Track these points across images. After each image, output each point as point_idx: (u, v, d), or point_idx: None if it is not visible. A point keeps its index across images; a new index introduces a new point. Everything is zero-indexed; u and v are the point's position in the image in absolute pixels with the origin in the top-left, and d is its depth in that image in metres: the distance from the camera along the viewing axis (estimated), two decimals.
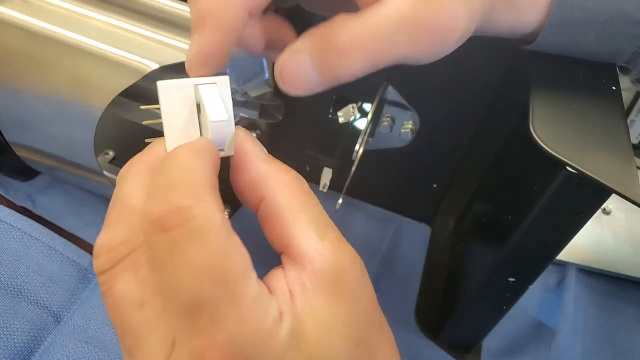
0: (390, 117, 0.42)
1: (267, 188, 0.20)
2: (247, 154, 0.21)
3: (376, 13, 0.21)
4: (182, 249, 0.17)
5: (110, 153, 0.49)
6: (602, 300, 0.50)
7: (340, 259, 0.19)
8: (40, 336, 0.40)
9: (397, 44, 0.22)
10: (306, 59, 0.22)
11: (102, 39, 0.35)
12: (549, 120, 0.27)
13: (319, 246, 0.19)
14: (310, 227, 0.19)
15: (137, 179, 0.21)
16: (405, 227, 0.52)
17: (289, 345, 0.17)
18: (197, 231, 0.17)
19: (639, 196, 0.25)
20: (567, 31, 0.29)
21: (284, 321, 0.18)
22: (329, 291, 0.19)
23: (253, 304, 0.17)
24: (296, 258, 0.19)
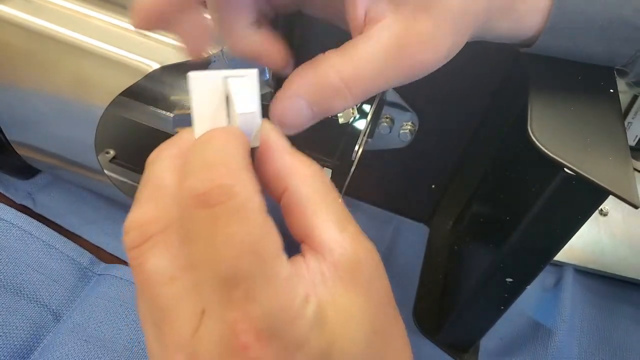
0: (390, 118, 0.43)
1: (290, 179, 0.21)
2: (273, 146, 0.21)
3: (363, 50, 0.22)
4: (224, 225, 0.17)
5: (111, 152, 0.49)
6: (599, 301, 0.50)
7: (359, 251, 0.20)
8: (40, 334, 0.40)
9: (384, 78, 0.23)
10: (303, 102, 0.23)
11: (103, 38, 0.35)
12: (547, 122, 0.28)
13: (339, 238, 0.20)
14: (331, 219, 0.20)
15: (168, 162, 0.21)
16: (404, 227, 0.53)
17: (314, 325, 0.18)
18: (239, 209, 0.17)
19: (636, 198, 0.25)
20: (566, 35, 0.29)
21: (310, 302, 0.18)
22: (347, 281, 0.19)
23: (285, 283, 0.18)
24: (317, 248, 0.20)
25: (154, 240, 0.19)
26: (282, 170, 0.21)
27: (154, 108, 0.37)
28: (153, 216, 0.20)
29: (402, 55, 0.23)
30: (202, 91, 0.21)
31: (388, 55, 0.23)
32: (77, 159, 0.41)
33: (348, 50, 0.23)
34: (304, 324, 0.18)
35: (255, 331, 0.17)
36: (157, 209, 0.20)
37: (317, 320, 0.18)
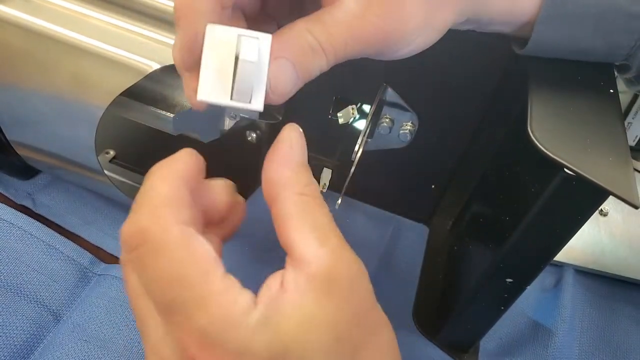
0: (390, 118, 0.43)
1: (281, 192, 0.22)
2: (278, 155, 0.23)
3: (331, 15, 0.24)
4: (146, 263, 0.20)
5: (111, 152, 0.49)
6: (599, 301, 0.50)
7: (337, 264, 0.21)
8: (40, 334, 0.40)
9: (354, 42, 0.24)
10: (288, 63, 0.23)
11: (103, 38, 0.35)
12: (547, 122, 0.28)
13: (318, 252, 0.21)
14: (313, 234, 0.21)
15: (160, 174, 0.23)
16: (404, 228, 0.53)
17: (258, 330, 0.19)
18: (156, 247, 0.20)
19: (636, 198, 0.25)
20: (561, 25, 0.29)
21: (257, 309, 0.20)
22: (321, 292, 0.20)
23: (218, 298, 0.19)
24: (296, 260, 0.21)
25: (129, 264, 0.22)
26: (276, 182, 0.23)
27: (154, 108, 0.37)
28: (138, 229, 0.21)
29: (365, 21, 0.24)
30: (214, 43, 0.22)
31: (354, 21, 0.24)
32: (77, 159, 0.41)
33: (318, 15, 0.24)
34: (243, 331, 0.19)
35: (197, 344, 0.19)
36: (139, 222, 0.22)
37: (264, 325, 0.19)
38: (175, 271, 0.20)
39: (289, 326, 0.20)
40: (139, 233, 0.20)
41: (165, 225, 0.20)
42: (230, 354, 0.19)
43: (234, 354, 0.19)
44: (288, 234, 0.22)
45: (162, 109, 0.37)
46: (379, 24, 0.24)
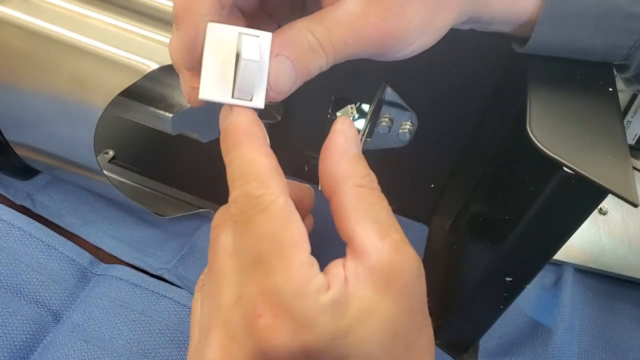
0: (389, 117, 0.43)
1: (341, 185, 0.23)
2: (335, 148, 0.24)
3: (331, 15, 0.24)
4: (252, 222, 0.22)
5: (110, 152, 0.49)
6: (598, 300, 0.50)
7: (397, 258, 0.22)
8: (40, 335, 0.40)
9: (353, 41, 0.24)
10: (288, 60, 0.24)
11: (102, 38, 0.35)
12: (546, 121, 0.28)
13: (378, 244, 0.22)
14: (373, 226, 0.22)
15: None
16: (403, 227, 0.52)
17: (325, 311, 0.20)
18: (263, 210, 0.21)
19: (635, 196, 0.25)
20: (561, 25, 0.29)
21: (328, 293, 0.21)
22: (380, 285, 0.21)
23: (300, 267, 0.21)
24: (356, 252, 0.22)
25: (226, 225, 0.25)
26: (335, 175, 0.23)
27: (153, 108, 0.37)
28: (252, 195, 0.22)
29: (366, 21, 0.24)
30: (215, 41, 0.22)
31: (355, 20, 0.24)
32: (77, 159, 0.41)
33: (319, 15, 0.24)
34: (313, 307, 0.20)
35: (268, 304, 0.20)
36: None
37: (331, 308, 0.20)
38: (272, 230, 0.21)
39: (350, 315, 0.21)
40: (251, 200, 0.22)
41: (275, 193, 0.22)
42: (294, 321, 0.20)
43: (297, 323, 0.20)
44: (349, 225, 0.22)
45: (161, 109, 0.37)
46: (379, 24, 0.24)
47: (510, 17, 0.29)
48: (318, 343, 0.20)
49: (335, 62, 0.25)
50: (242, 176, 0.22)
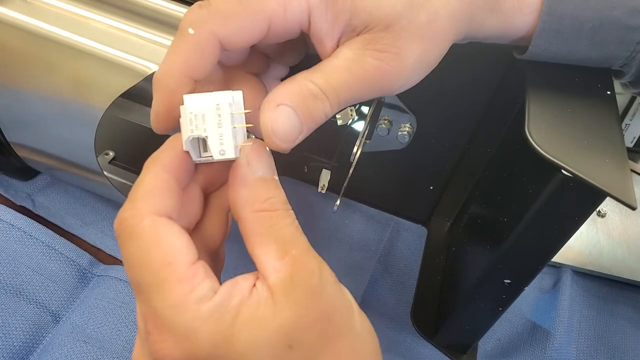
0: (388, 119, 0.43)
1: (241, 211, 0.24)
2: (234, 176, 0.24)
3: (330, 65, 0.25)
4: (123, 249, 0.23)
5: (110, 153, 0.49)
6: (597, 302, 0.50)
7: (295, 275, 0.22)
8: (39, 335, 0.40)
9: (354, 88, 0.25)
10: (289, 109, 0.24)
11: (103, 40, 0.35)
12: (544, 124, 0.28)
13: (277, 264, 0.23)
14: (271, 247, 0.23)
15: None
16: (402, 229, 0.53)
17: (208, 319, 0.21)
18: (129, 235, 0.22)
19: (633, 199, 0.25)
20: (558, 39, 0.29)
21: (212, 300, 0.22)
22: (277, 299, 0.22)
23: (175, 285, 0.22)
24: (260, 273, 0.23)
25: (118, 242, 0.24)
26: (236, 202, 0.24)
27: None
28: (120, 219, 0.23)
29: (364, 64, 0.25)
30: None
31: (352, 64, 0.25)
32: (77, 160, 0.41)
33: (318, 66, 0.25)
34: (194, 317, 0.21)
35: (153, 322, 0.22)
36: None
37: (214, 315, 0.21)
38: (142, 257, 0.22)
39: (237, 323, 0.21)
40: (120, 222, 0.23)
41: (139, 215, 0.22)
42: (176, 336, 0.21)
43: (179, 337, 0.21)
44: (250, 248, 0.24)
45: None
46: (378, 65, 0.25)
47: (506, 35, 0.30)
48: (200, 351, 0.21)
49: (340, 107, 0.25)
50: (128, 197, 0.24)
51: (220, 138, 0.24)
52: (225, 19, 0.24)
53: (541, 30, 0.29)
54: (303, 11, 0.24)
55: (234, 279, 0.23)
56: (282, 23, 0.24)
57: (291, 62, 0.30)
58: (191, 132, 0.24)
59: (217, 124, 0.24)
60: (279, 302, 0.22)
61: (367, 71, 0.25)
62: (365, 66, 0.25)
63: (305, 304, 0.22)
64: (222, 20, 0.24)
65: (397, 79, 0.26)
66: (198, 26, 0.24)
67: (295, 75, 0.25)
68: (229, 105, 0.24)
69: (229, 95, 0.24)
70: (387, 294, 0.48)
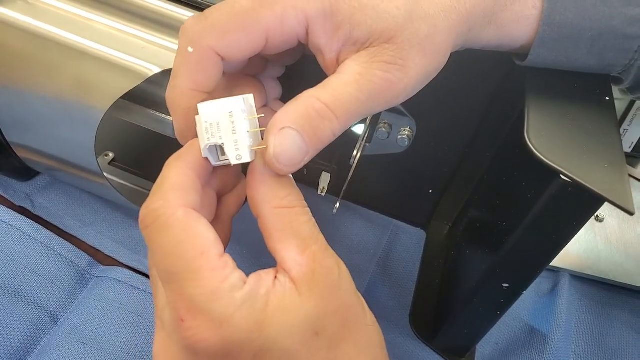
0: (388, 123, 0.43)
1: (262, 209, 0.25)
2: (253, 174, 0.25)
3: (336, 82, 0.25)
4: (154, 239, 0.23)
5: (110, 154, 0.50)
6: (594, 307, 0.50)
7: (316, 268, 0.24)
8: (37, 336, 0.40)
9: (361, 103, 0.25)
10: (294, 132, 0.24)
11: (104, 42, 0.35)
12: (543, 129, 0.28)
13: (298, 259, 0.24)
14: (293, 242, 0.24)
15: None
16: (401, 232, 0.53)
17: (241, 306, 0.22)
18: (162, 226, 0.23)
19: (631, 205, 0.25)
20: (557, 48, 0.29)
21: (244, 288, 0.23)
22: (302, 291, 0.23)
23: (210, 274, 0.23)
24: (280, 266, 0.24)
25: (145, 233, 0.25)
26: (255, 199, 0.25)
27: (154, 111, 0.38)
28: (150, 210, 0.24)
29: (372, 76, 0.25)
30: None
31: (360, 78, 0.25)
32: (77, 161, 0.41)
33: (324, 84, 0.25)
34: (229, 304, 0.22)
35: (187, 309, 0.23)
36: None
37: (247, 303, 0.23)
38: (176, 247, 0.23)
39: (268, 311, 0.23)
40: (151, 213, 0.24)
41: (172, 207, 0.23)
42: (212, 321, 0.22)
43: (215, 322, 0.22)
44: (272, 244, 0.25)
45: (162, 112, 0.38)
46: (385, 76, 0.25)
47: (504, 45, 0.30)
48: (236, 336, 0.22)
49: (347, 123, 0.25)
50: (153, 190, 0.25)
51: (236, 144, 0.25)
52: (222, 34, 0.24)
53: (540, 40, 0.29)
54: (300, 24, 0.24)
55: (257, 273, 0.24)
56: (280, 36, 0.25)
57: (288, 62, 0.31)
58: (208, 140, 0.25)
59: (231, 131, 0.25)
60: (303, 293, 0.23)
61: (375, 84, 0.25)
62: (373, 79, 0.25)
63: (327, 296, 0.24)
64: (219, 35, 0.24)
65: (403, 90, 0.26)
66: (197, 43, 0.24)
67: (301, 95, 0.25)
68: (242, 111, 0.25)
69: (241, 101, 0.25)
70: (385, 297, 0.48)
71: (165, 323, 0.25)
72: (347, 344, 0.24)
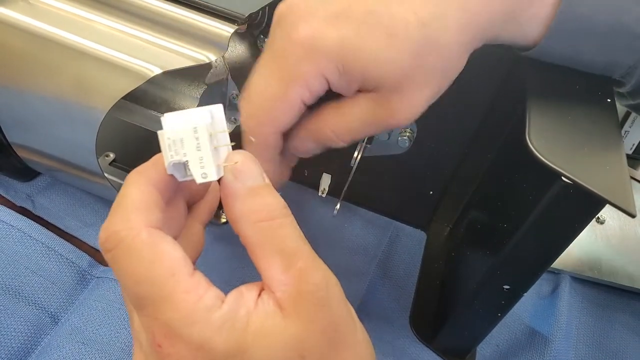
0: None
1: (240, 226, 0.24)
2: (225, 193, 0.24)
3: (350, 111, 0.30)
4: (120, 264, 0.22)
5: (111, 155, 0.50)
6: (595, 309, 0.50)
7: (302, 287, 0.22)
8: (38, 337, 0.40)
9: (368, 129, 0.30)
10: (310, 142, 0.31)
11: (105, 42, 0.35)
12: (544, 131, 0.28)
13: (282, 278, 0.23)
14: (276, 260, 0.23)
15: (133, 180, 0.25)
16: (402, 234, 0.53)
17: (220, 328, 0.21)
18: (127, 249, 0.22)
19: (633, 207, 0.25)
20: (568, 40, 0.29)
21: (221, 308, 0.22)
22: (286, 313, 0.22)
23: (183, 295, 0.21)
24: (265, 285, 0.23)
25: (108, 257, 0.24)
26: (232, 216, 0.24)
27: (155, 112, 0.38)
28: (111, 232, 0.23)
29: (377, 117, 0.29)
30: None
31: (366, 118, 0.29)
32: (78, 161, 0.41)
33: (341, 110, 0.30)
34: (205, 327, 0.21)
35: (163, 334, 0.22)
36: None
37: (226, 324, 0.21)
38: (143, 271, 0.22)
39: (249, 333, 0.22)
40: (113, 235, 0.22)
41: (135, 228, 0.22)
42: (190, 345, 0.21)
43: (193, 346, 0.21)
44: (255, 261, 0.23)
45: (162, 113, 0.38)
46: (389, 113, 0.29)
47: (517, 41, 0.31)
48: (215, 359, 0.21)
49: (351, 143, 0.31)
50: (113, 209, 0.23)
51: (201, 161, 0.23)
52: (275, 120, 0.29)
53: (553, 30, 0.29)
54: (323, 84, 0.28)
55: (238, 289, 0.23)
56: (310, 98, 0.29)
57: None
58: (171, 158, 0.23)
59: (195, 147, 0.23)
60: (288, 315, 0.22)
61: (380, 120, 0.29)
62: (378, 116, 0.29)
63: (314, 316, 0.22)
64: (274, 121, 0.29)
65: (409, 119, 0.30)
66: (256, 132, 0.29)
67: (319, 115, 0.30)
68: (207, 125, 0.23)
69: (207, 114, 0.23)
70: (386, 299, 0.48)
71: (143, 345, 0.24)
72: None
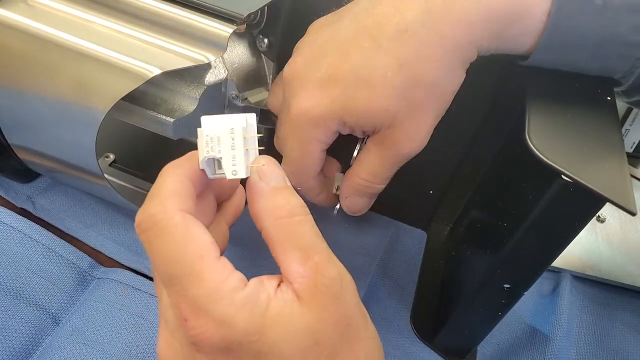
0: None
1: (263, 222, 0.26)
2: (250, 191, 0.27)
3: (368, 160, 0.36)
4: (153, 244, 0.25)
5: (111, 156, 0.50)
6: (596, 308, 0.50)
7: (318, 279, 0.24)
8: (39, 338, 0.40)
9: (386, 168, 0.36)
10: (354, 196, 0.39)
11: (105, 43, 0.35)
12: (544, 129, 0.28)
13: (300, 270, 0.25)
14: (295, 254, 0.25)
15: None
16: (402, 233, 0.53)
17: (242, 307, 0.23)
18: (161, 230, 0.24)
19: (633, 205, 0.25)
20: (559, 51, 0.30)
21: (244, 290, 0.24)
22: (305, 302, 0.24)
23: (210, 275, 0.23)
24: (284, 277, 0.25)
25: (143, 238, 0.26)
26: (256, 214, 0.26)
27: (154, 113, 0.38)
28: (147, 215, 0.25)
29: (386, 157, 0.35)
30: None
31: (381, 155, 0.35)
32: (78, 162, 0.41)
33: (360, 160, 0.37)
34: (230, 304, 0.23)
35: (189, 309, 0.23)
36: None
37: (248, 305, 0.23)
38: (176, 251, 0.24)
39: (268, 316, 0.23)
40: (149, 218, 0.25)
41: (170, 212, 0.24)
42: (214, 321, 0.23)
43: (217, 321, 0.23)
44: (275, 256, 0.26)
45: (162, 114, 0.38)
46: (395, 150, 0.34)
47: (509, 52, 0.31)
48: (235, 336, 0.23)
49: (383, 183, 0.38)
50: (150, 195, 0.26)
51: (234, 159, 0.26)
52: (307, 172, 0.36)
53: (543, 45, 0.29)
54: (333, 135, 0.34)
55: (259, 278, 0.25)
56: (326, 145, 0.35)
57: None
58: (207, 153, 0.26)
59: (231, 146, 0.26)
60: (305, 304, 0.24)
61: (391, 156, 0.35)
62: (388, 154, 0.34)
63: (328, 307, 0.24)
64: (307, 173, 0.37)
65: (415, 148, 0.34)
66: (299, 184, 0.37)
67: (350, 172, 0.38)
68: (242, 129, 0.26)
69: (243, 119, 0.26)
70: (386, 298, 0.48)
71: (169, 322, 0.26)
72: (345, 356, 0.25)
